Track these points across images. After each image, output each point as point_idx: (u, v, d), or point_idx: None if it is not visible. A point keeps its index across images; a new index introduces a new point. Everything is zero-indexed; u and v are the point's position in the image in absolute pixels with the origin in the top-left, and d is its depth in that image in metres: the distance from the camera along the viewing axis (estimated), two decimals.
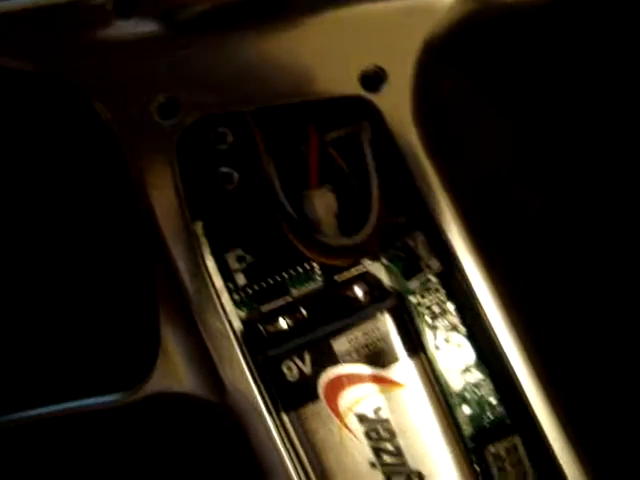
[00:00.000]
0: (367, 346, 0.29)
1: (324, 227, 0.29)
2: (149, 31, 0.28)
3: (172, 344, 0.29)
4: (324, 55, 0.28)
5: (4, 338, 0.31)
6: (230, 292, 0.30)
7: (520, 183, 0.32)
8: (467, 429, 0.31)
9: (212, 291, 0.29)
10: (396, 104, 0.29)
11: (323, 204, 0.29)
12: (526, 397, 0.29)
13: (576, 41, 0.32)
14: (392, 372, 0.29)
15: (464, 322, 0.31)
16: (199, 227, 0.30)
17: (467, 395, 0.31)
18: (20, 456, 0.31)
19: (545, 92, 0.33)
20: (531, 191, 0.32)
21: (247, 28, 0.28)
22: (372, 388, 0.29)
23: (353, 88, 0.28)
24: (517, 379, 0.30)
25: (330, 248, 0.29)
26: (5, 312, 0.32)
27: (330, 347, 0.29)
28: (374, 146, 0.30)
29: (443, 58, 0.29)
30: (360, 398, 0.29)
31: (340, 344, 0.29)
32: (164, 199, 0.29)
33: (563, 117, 0.33)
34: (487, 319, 0.30)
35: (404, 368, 0.29)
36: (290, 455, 0.28)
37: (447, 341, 0.31)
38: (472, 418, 0.31)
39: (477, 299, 0.29)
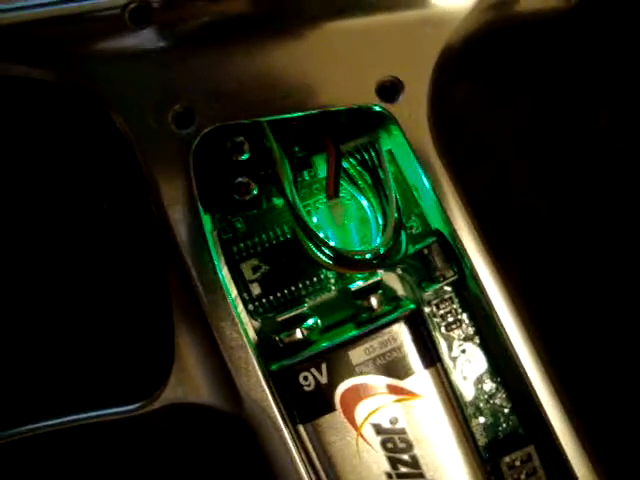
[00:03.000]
0: (383, 356, 0.29)
1: (341, 237, 0.29)
2: (164, 40, 0.28)
3: (187, 354, 0.29)
4: (341, 65, 0.28)
5: (20, 349, 0.31)
6: (245, 302, 0.30)
7: (535, 192, 0.33)
8: (482, 439, 0.31)
9: (228, 301, 0.28)
10: (413, 114, 0.29)
11: (340, 214, 0.29)
12: (541, 406, 0.29)
13: (591, 51, 0.32)
14: (408, 383, 0.29)
15: (478, 332, 0.31)
16: (215, 237, 0.30)
17: (482, 405, 0.31)
18: (35, 466, 0.31)
19: (560, 101, 0.33)
20: (545, 199, 0.32)
21: (264, 38, 0.28)
22: (388, 398, 0.29)
23: (370, 98, 0.28)
24: (532, 388, 0.29)
25: (347, 259, 0.29)
26: (21, 323, 0.31)
27: (347, 357, 0.29)
28: (391, 155, 0.30)
29: (459, 68, 0.30)
30: (376, 409, 0.29)
31: (357, 354, 0.29)
32: (180, 208, 0.28)
33: (578, 126, 0.33)
34: (502, 328, 0.29)
35: (420, 379, 0.29)
36: (306, 466, 0.28)
37: (462, 351, 0.31)
38: (487, 428, 0.31)
39: (492, 308, 0.29)
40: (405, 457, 0.29)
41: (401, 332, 0.29)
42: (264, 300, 0.30)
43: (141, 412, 0.29)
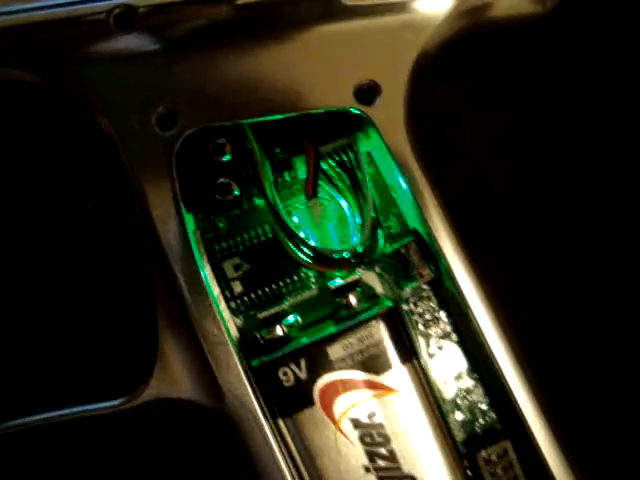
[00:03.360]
0: (361, 352, 0.29)
1: (320, 236, 0.30)
2: (149, 44, 0.29)
3: (170, 350, 0.30)
4: (320, 69, 0.29)
5: (3, 345, 0.32)
6: (227, 300, 0.31)
7: (511, 193, 0.33)
8: (459, 435, 0.31)
9: (210, 299, 0.29)
10: (390, 117, 0.30)
11: (319, 214, 0.30)
12: (516, 402, 0.30)
13: (566, 54, 0.33)
14: (386, 378, 0.29)
15: (456, 329, 0.32)
16: (197, 236, 0.30)
17: (459, 401, 0.32)
18: (19, 462, 0.31)
19: (535, 104, 0.33)
20: (521, 200, 0.33)
21: (246, 43, 0.29)
22: (366, 394, 0.29)
23: (348, 101, 0.29)
24: (507, 385, 0.30)
25: (326, 257, 0.29)
26: (4, 318, 0.32)
27: (325, 353, 0.29)
28: (369, 157, 0.31)
29: (436, 72, 0.30)
30: (354, 403, 0.29)
31: (335, 350, 0.29)
32: (163, 208, 0.29)
33: (552, 128, 0.33)
34: (478, 326, 0.30)
35: (398, 374, 0.30)
36: (286, 460, 0.29)
37: (439, 348, 0.32)
38: (464, 424, 0.31)
39: (468, 306, 0.30)
40: (383, 451, 0.29)
41: (379, 329, 0.30)
42: (245, 298, 0.31)
43: (124, 407, 0.29)
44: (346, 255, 0.29)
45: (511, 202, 0.33)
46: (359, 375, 0.29)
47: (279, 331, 0.30)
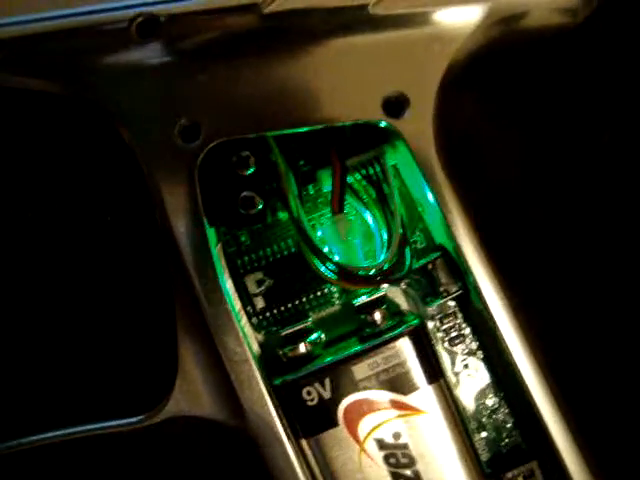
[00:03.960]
0: (387, 371, 0.29)
1: (346, 252, 0.29)
2: (171, 54, 0.28)
3: (191, 367, 0.29)
4: (347, 81, 0.28)
5: (23, 359, 0.31)
6: (249, 316, 0.30)
7: (540, 207, 0.33)
8: (484, 454, 0.31)
9: (231, 314, 0.29)
10: (418, 130, 0.29)
11: (345, 229, 0.29)
12: (543, 422, 0.29)
13: (596, 66, 0.33)
14: (412, 398, 0.29)
15: (481, 346, 0.31)
16: (219, 250, 0.30)
17: (484, 420, 0.31)
18: (37, 478, 0.31)
19: (564, 117, 0.33)
20: (550, 215, 0.32)
21: (271, 53, 0.28)
22: (392, 414, 0.29)
23: (376, 114, 0.29)
24: (534, 403, 0.29)
25: (351, 274, 0.29)
26: (24, 334, 0.31)
27: (350, 372, 0.29)
28: (396, 171, 0.30)
29: (465, 84, 0.30)
30: (380, 424, 0.29)
31: (360, 370, 0.29)
32: (185, 222, 0.29)
33: (581, 141, 0.33)
34: (504, 343, 0.29)
35: (424, 394, 0.29)
36: None
37: (465, 366, 0.31)
38: (489, 443, 0.31)
39: (495, 323, 0.29)
40: (408, 472, 0.29)
41: (405, 347, 0.29)
42: (268, 314, 0.30)
43: (144, 425, 0.29)
44: (372, 272, 0.28)
45: (540, 217, 0.33)
46: (385, 395, 0.29)
47: (302, 349, 0.29)
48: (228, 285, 0.30)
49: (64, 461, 0.30)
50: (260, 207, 0.29)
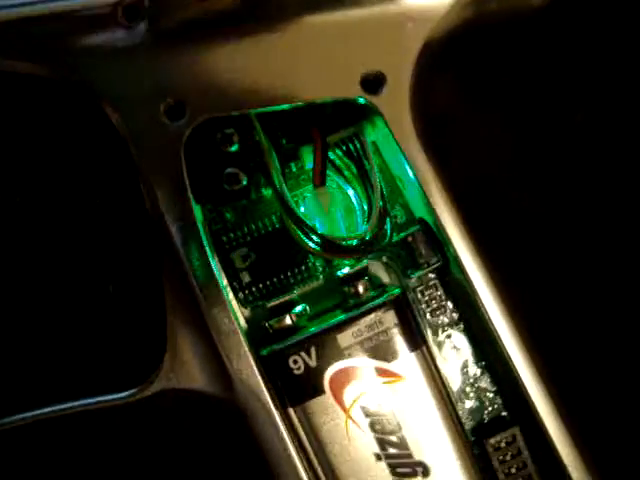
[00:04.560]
0: (371, 339, 0.30)
1: (328, 224, 0.30)
2: (157, 36, 0.29)
3: (180, 340, 0.30)
4: (326, 59, 0.29)
5: (10, 336, 0.32)
6: (235, 291, 0.31)
7: (516, 182, 0.34)
8: (468, 422, 0.32)
9: (219, 289, 0.29)
10: (396, 106, 0.30)
11: (327, 202, 0.30)
12: (525, 388, 0.30)
13: (570, 45, 0.34)
14: (396, 365, 0.30)
15: (463, 317, 0.32)
16: (205, 227, 0.30)
17: (467, 389, 0.32)
18: (30, 454, 0.31)
19: (539, 95, 0.34)
20: (527, 189, 0.33)
21: (252, 33, 0.29)
22: (376, 381, 0.30)
23: (355, 91, 0.29)
24: (516, 371, 0.30)
25: (334, 245, 0.29)
26: (13, 310, 0.32)
27: (335, 341, 0.29)
28: (375, 147, 0.31)
29: (441, 62, 0.31)
30: (365, 391, 0.29)
31: (345, 338, 0.29)
32: (172, 199, 0.29)
33: (556, 119, 0.34)
34: (486, 313, 0.30)
35: (407, 361, 0.30)
36: (297, 448, 0.29)
37: (447, 337, 0.32)
38: (473, 411, 0.32)
39: (476, 293, 0.30)
40: (393, 438, 0.30)
41: (387, 316, 0.30)
42: (254, 288, 0.31)
43: (135, 399, 0.29)
44: (354, 243, 0.29)
45: (517, 190, 0.34)
46: (369, 362, 0.29)
47: (288, 320, 0.30)
48: (215, 261, 0.30)
49: (56, 437, 0.30)
50: (244, 183, 0.30)
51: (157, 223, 0.29)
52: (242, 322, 0.31)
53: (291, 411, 0.29)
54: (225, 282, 0.31)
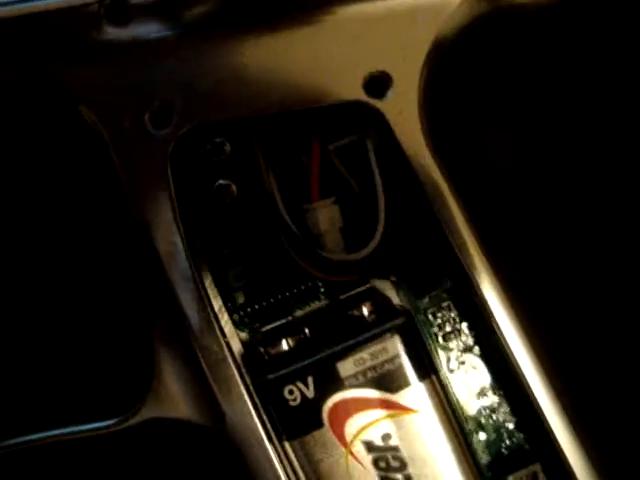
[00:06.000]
0: (375, 368, 0.27)
1: (328, 242, 0.28)
2: (141, 37, 0.27)
3: (167, 367, 0.28)
4: (325, 60, 0.27)
5: None
6: (230, 312, 0.29)
7: (534, 195, 0.31)
8: (484, 457, 0.29)
9: (210, 311, 0.27)
10: (402, 110, 0.27)
11: (326, 217, 0.28)
12: (546, 421, 0.28)
13: (585, 42, 0.31)
14: (402, 397, 0.27)
15: (478, 342, 0.29)
16: (196, 243, 0.28)
17: (483, 420, 0.29)
18: None
19: (554, 94, 0.31)
20: (545, 202, 0.31)
21: (242, 33, 0.27)
22: (380, 414, 0.27)
23: (357, 94, 0.27)
24: (536, 402, 0.28)
25: (334, 264, 0.27)
26: None
27: (335, 370, 0.27)
28: (380, 155, 0.28)
29: (450, 62, 0.28)
30: (368, 425, 0.27)
31: (346, 367, 0.27)
32: (158, 212, 0.27)
33: (570, 119, 0.31)
34: (503, 338, 0.28)
35: (415, 392, 0.27)
36: None
37: (461, 363, 0.29)
38: (489, 445, 0.29)
39: (492, 316, 0.28)
40: (399, 477, 0.27)
41: (394, 342, 0.27)
42: (249, 309, 0.29)
43: (120, 428, 0.28)
44: (355, 261, 0.27)
45: (535, 205, 0.31)
46: (372, 394, 0.27)
47: (284, 345, 0.28)
48: (207, 280, 0.28)
49: (38, 465, 0.29)
50: (237, 195, 0.28)
51: (143, 237, 0.27)
52: (237, 346, 0.28)
53: (287, 445, 0.27)
54: (219, 304, 0.28)
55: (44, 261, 0.31)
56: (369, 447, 0.27)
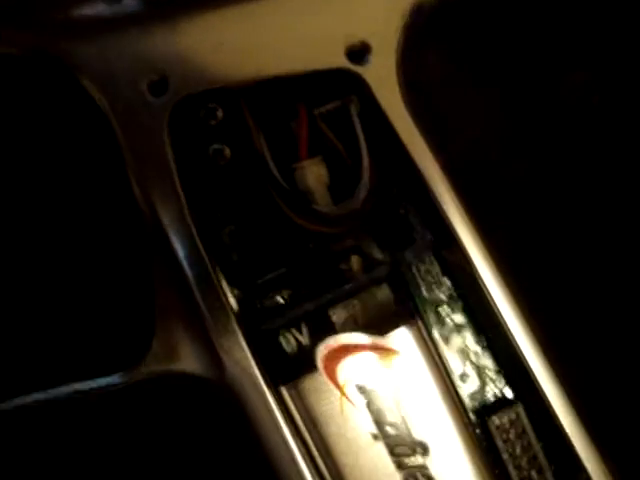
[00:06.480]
0: (364, 314, 0.29)
1: (317, 197, 0.29)
2: (137, 8, 0.28)
3: (169, 323, 0.29)
4: (310, 28, 0.29)
5: None
6: (224, 268, 0.30)
7: (513, 154, 0.33)
8: (471, 403, 0.30)
9: (209, 267, 0.29)
10: (382, 76, 0.29)
11: (314, 174, 0.29)
12: (527, 364, 0.29)
13: (562, 15, 0.33)
14: (389, 339, 0.29)
15: (460, 292, 0.31)
16: (194, 204, 0.30)
17: (468, 369, 0.31)
18: (19, 440, 0.30)
19: (530, 65, 0.33)
20: (524, 162, 0.32)
21: (233, 4, 0.29)
22: (371, 357, 0.29)
23: (340, 61, 0.29)
24: (517, 347, 0.29)
25: (323, 216, 0.29)
26: None
27: (327, 317, 0.29)
28: (363, 118, 0.30)
29: (428, 31, 0.30)
30: (359, 368, 0.29)
31: (337, 314, 0.29)
32: (158, 178, 0.29)
33: (548, 89, 0.33)
34: (484, 287, 0.29)
35: (402, 336, 0.29)
36: (290, 428, 0.28)
37: (445, 314, 0.31)
38: (474, 392, 0.30)
39: (473, 267, 0.29)
40: (391, 417, 0.28)
41: (382, 290, 0.29)
42: (243, 266, 0.30)
43: (124, 382, 0.29)
44: (342, 213, 0.29)
45: (512, 164, 0.33)
46: (363, 338, 0.29)
47: (279, 297, 0.29)
48: (204, 239, 0.30)
49: (44, 423, 0.30)
50: (230, 158, 0.30)
51: (143, 202, 0.29)
52: (232, 301, 0.30)
53: (283, 390, 0.28)
54: (214, 261, 0.30)
55: (48, 220, 0.32)
56: (362, 390, 0.28)
